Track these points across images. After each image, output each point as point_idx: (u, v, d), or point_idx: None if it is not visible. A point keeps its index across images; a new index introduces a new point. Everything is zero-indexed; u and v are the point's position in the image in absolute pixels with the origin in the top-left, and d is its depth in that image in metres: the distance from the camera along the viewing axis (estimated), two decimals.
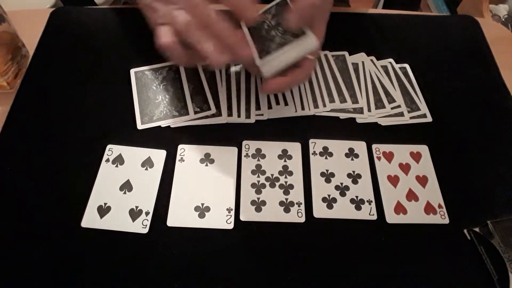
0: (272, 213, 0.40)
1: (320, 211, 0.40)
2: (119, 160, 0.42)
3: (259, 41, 0.38)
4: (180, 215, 0.39)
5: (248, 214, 0.40)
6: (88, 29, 0.53)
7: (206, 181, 0.41)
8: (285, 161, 0.43)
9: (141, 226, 0.39)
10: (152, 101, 0.46)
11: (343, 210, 0.41)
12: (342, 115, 0.48)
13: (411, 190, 0.42)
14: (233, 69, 0.49)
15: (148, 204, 0.40)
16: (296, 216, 0.40)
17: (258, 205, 0.40)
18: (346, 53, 0.53)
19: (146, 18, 0.41)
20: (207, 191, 0.41)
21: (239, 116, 0.46)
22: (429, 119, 0.48)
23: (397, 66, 0.52)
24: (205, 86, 0.47)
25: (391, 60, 0.53)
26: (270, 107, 0.47)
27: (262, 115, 0.46)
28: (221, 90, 0.47)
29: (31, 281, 0.36)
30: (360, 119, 0.48)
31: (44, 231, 0.38)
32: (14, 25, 0.47)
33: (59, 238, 0.38)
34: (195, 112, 0.45)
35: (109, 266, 0.37)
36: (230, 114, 0.46)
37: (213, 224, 0.39)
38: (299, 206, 0.41)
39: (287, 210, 0.40)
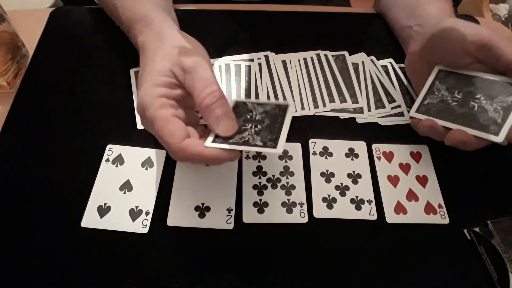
0: (275, 214, 0.40)
1: (320, 211, 0.40)
2: (119, 160, 0.42)
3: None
4: (180, 215, 0.39)
5: (250, 216, 0.40)
6: (88, 29, 0.53)
7: (206, 181, 0.41)
8: (286, 161, 0.43)
9: (141, 226, 0.38)
10: None
11: (343, 210, 0.41)
12: (342, 115, 0.48)
13: (411, 190, 0.42)
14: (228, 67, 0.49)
15: (148, 204, 0.40)
16: (299, 216, 0.40)
17: (261, 207, 0.40)
18: (346, 53, 0.53)
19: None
20: (207, 191, 0.41)
21: None
22: None
23: (397, 66, 0.52)
24: None
25: (391, 60, 0.53)
26: None
27: None
28: None
29: (31, 281, 0.36)
30: (360, 119, 0.48)
31: (44, 231, 0.38)
32: (14, 25, 0.47)
33: (59, 238, 0.38)
34: None
35: (109, 266, 0.37)
36: None
37: (213, 224, 0.39)
38: (301, 206, 0.41)
39: (289, 210, 0.40)
